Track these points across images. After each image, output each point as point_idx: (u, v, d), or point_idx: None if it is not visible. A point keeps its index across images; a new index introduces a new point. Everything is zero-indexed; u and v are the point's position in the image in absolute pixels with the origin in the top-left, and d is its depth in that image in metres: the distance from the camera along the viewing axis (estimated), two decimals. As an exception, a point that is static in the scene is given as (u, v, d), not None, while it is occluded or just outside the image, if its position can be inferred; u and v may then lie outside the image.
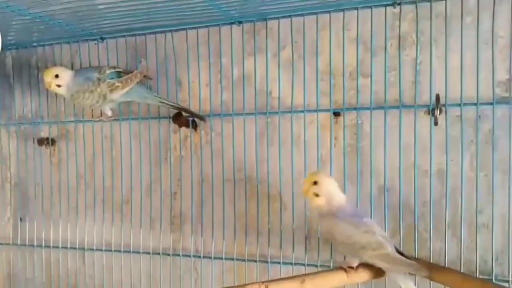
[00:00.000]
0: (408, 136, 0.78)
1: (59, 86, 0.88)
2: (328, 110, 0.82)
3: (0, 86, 1.06)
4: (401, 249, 0.76)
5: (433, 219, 0.76)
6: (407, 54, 0.78)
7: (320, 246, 0.83)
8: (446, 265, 0.75)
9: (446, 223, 0.75)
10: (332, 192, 0.71)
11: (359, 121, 0.80)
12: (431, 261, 0.76)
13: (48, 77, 0.88)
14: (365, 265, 0.75)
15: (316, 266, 0.83)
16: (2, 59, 1.06)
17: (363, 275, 0.75)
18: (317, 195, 0.71)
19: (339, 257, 0.82)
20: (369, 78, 0.79)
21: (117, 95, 0.87)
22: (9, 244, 1.08)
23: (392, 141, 0.78)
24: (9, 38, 0.98)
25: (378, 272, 0.73)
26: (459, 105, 0.74)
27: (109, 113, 0.91)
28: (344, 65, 0.80)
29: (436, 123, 0.75)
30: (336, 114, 0.81)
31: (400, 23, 0.78)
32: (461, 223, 0.75)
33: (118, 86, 0.85)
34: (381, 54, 0.78)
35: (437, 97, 0.74)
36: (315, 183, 0.71)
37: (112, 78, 0.87)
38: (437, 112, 0.74)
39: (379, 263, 0.69)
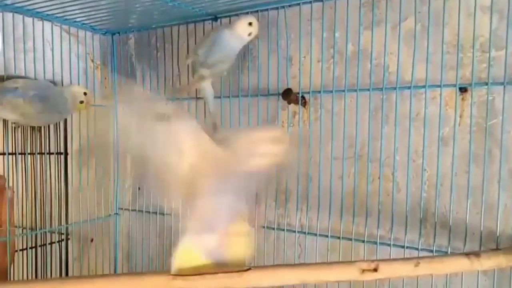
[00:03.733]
0: (548, 115, 0.66)
1: None
2: (454, 86, 0.72)
3: (123, 66, 1.10)
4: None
5: None
6: (552, 22, 0.65)
7: (437, 230, 0.74)
8: None
9: None
10: None
11: (490, 98, 0.70)
12: None
13: None
14: (490, 253, 0.65)
15: (431, 251, 0.74)
16: (125, 41, 1.10)
17: (488, 263, 0.66)
18: None
19: (458, 244, 0.73)
20: (504, 50, 0.68)
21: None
22: (128, 209, 1.13)
23: (528, 120, 0.67)
24: (131, 21, 1.01)
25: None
26: None
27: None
28: (475, 36, 0.70)
29: None
30: (463, 89, 0.71)
31: (544, -12, 0.65)
32: None
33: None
34: (520, 23, 0.67)
35: None
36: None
37: None
38: None
39: None
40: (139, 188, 1.11)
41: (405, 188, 0.77)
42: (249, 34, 0.82)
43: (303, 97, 0.86)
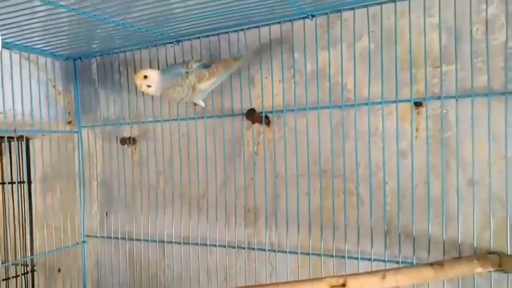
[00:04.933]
0: (497, 125, 0.68)
1: (149, 86, 0.86)
2: (408, 101, 0.73)
3: (87, 91, 1.08)
4: (491, 245, 0.66)
5: (528, 213, 0.66)
6: (495, 38, 0.68)
7: (401, 241, 0.75)
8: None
9: (546, 218, 0.65)
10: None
11: (444, 111, 0.71)
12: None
13: (138, 79, 0.86)
14: (453, 262, 0.66)
15: (397, 262, 0.75)
16: (87, 66, 1.07)
17: (452, 272, 0.66)
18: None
19: (422, 254, 0.73)
20: (454, 65, 0.70)
21: (206, 85, 0.84)
22: (96, 236, 1.09)
23: (480, 131, 0.69)
24: (94, 46, 0.99)
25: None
26: (560, 89, 0.63)
27: (202, 104, 0.89)
28: (426, 53, 0.72)
29: (530, 110, 0.65)
30: (418, 104, 0.73)
31: (486, 6, 0.68)
32: None
33: (205, 75, 0.82)
34: (467, 40, 0.69)
35: (532, 82, 0.64)
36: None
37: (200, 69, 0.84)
38: (532, 99, 0.64)
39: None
40: (106, 214, 1.08)
41: (369, 202, 0.77)
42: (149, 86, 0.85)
43: (266, 117, 0.86)
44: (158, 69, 0.93)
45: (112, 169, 1.06)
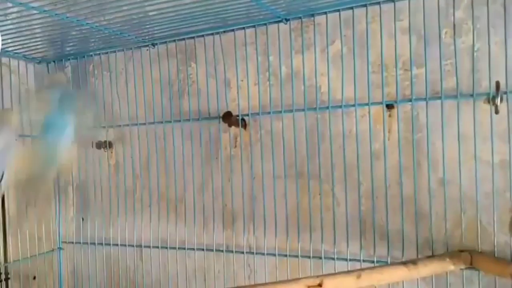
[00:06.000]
0: (467, 126, 0.69)
1: None
2: (380, 103, 0.74)
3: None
4: (463, 243, 0.68)
5: (497, 211, 0.67)
6: (463, 41, 0.69)
7: (376, 241, 0.76)
8: (513, 260, 0.66)
9: (513, 215, 0.66)
10: None
11: (415, 113, 0.72)
12: (495, 255, 0.67)
13: None
14: (426, 260, 0.67)
15: (373, 262, 0.75)
16: (61, 69, 1.05)
17: (424, 270, 0.67)
18: None
19: (396, 253, 0.74)
20: (424, 68, 0.71)
21: None
22: (72, 242, 1.06)
23: (450, 132, 0.70)
24: (68, 48, 0.97)
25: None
26: (522, 91, 0.65)
27: None
28: (397, 56, 0.73)
29: (497, 112, 0.66)
30: (389, 106, 0.74)
31: (454, 11, 0.69)
32: (530, 215, 0.65)
33: None
34: (436, 43, 0.70)
35: (497, 85, 0.66)
36: None
37: None
38: (497, 100, 0.66)
39: None
40: (83, 219, 1.05)
41: (344, 202, 0.78)
42: None
43: (243, 119, 0.86)
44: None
45: (88, 174, 1.03)
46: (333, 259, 0.78)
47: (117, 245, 0.99)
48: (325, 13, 0.77)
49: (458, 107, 0.69)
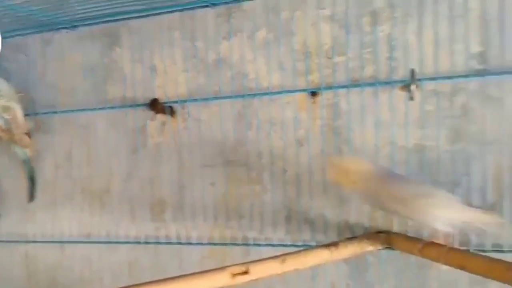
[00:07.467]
0: (385, 113, 0.72)
1: None
2: (305, 90, 0.75)
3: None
4: (381, 225, 0.70)
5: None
6: (382, 30, 0.72)
7: (301, 226, 0.76)
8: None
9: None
10: None
11: (336, 100, 0.74)
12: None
13: None
14: (347, 242, 0.69)
15: (298, 246, 0.76)
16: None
17: (345, 252, 0.69)
18: None
19: (320, 237, 0.75)
20: (345, 56, 0.73)
21: None
22: (-13, 240, 0.97)
23: (369, 119, 0.72)
24: (-22, 30, 0.88)
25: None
26: (434, 79, 0.68)
27: None
28: (320, 44, 0.74)
29: (411, 98, 0.69)
30: (314, 93, 0.74)
31: None
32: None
33: None
34: (356, 31, 0.72)
35: (412, 72, 0.69)
36: None
37: None
38: (413, 87, 0.69)
39: None
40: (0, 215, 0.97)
41: (272, 190, 0.78)
42: None
43: (170, 107, 0.83)
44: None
45: (3, 166, 0.95)
46: (260, 245, 0.78)
47: (36, 241, 0.92)
48: (252, -1, 0.76)
49: (376, 94, 0.72)
